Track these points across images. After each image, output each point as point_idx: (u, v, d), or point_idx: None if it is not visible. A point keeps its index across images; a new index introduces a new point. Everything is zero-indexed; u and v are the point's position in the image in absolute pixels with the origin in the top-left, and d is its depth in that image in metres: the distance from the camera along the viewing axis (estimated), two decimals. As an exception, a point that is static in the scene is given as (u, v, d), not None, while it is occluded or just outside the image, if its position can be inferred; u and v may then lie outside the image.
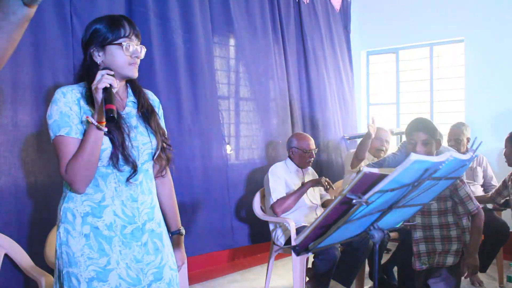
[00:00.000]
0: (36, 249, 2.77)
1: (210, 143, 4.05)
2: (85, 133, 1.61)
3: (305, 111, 5.00)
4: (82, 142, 1.60)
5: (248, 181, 4.37)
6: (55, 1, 3.07)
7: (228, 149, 4.26)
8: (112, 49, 1.69)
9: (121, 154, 1.67)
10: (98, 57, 1.72)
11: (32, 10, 1.07)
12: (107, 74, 1.60)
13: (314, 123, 5.00)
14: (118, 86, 1.68)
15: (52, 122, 1.64)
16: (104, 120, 1.58)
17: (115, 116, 1.56)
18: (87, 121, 1.60)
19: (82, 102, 1.67)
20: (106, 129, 1.61)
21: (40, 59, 3.00)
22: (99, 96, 1.58)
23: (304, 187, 3.58)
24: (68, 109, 1.64)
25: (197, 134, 3.92)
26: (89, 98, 1.67)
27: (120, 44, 1.69)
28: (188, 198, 3.82)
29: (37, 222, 2.95)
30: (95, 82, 1.58)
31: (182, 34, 3.81)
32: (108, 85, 1.58)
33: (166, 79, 3.71)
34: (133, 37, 1.72)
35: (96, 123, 1.58)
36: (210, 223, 4.02)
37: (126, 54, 1.69)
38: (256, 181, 4.36)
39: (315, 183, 3.61)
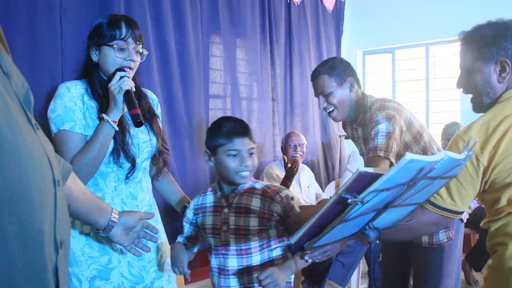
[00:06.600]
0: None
1: (198, 141, 3.99)
2: (96, 130, 1.61)
3: (287, 113, 4.97)
4: (93, 138, 1.60)
5: None
6: (44, 4, 3.01)
7: None
8: (105, 49, 1.69)
9: (122, 150, 1.67)
10: (95, 56, 1.73)
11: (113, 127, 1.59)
12: (126, 76, 1.61)
13: (293, 125, 4.96)
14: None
15: (56, 116, 1.63)
16: (117, 120, 1.61)
17: (142, 121, 1.58)
18: (101, 118, 1.61)
19: (86, 98, 1.68)
20: (118, 128, 1.62)
21: (28, 61, 2.95)
22: (120, 97, 1.58)
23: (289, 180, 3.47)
24: (72, 104, 1.64)
25: (187, 134, 3.88)
26: (92, 93, 1.68)
27: (112, 46, 1.68)
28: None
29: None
30: (114, 82, 1.59)
31: (174, 35, 3.78)
32: (130, 88, 1.59)
33: (160, 80, 3.69)
34: (130, 40, 1.70)
35: (111, 121, 1.59)
36: None
37: (118, 57, 1.68)
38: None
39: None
